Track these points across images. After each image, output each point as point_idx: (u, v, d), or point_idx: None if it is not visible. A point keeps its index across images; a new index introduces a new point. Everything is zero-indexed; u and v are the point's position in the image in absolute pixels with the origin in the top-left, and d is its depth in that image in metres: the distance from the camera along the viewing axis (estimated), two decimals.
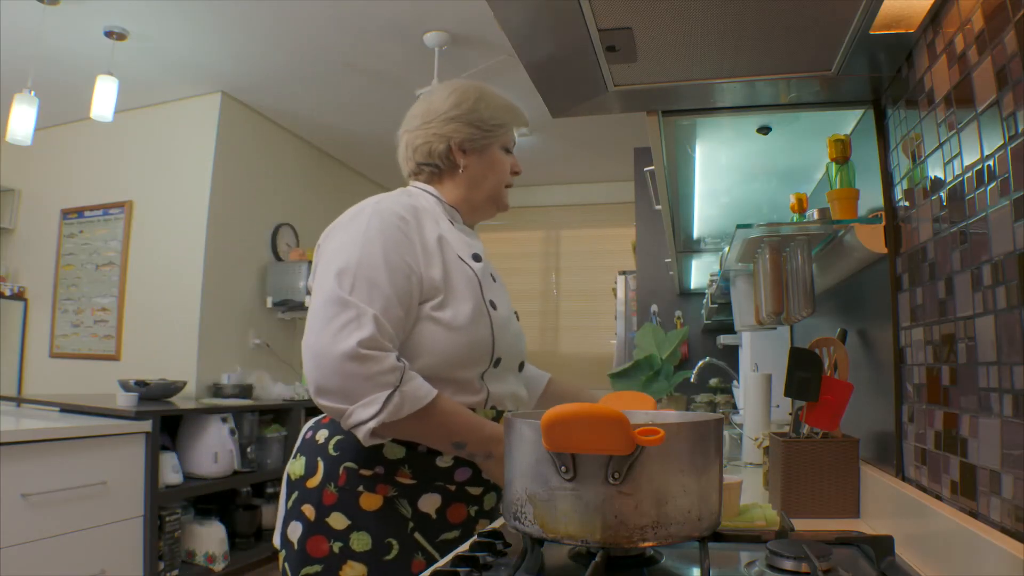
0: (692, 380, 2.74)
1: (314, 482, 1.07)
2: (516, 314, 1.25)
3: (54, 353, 4.26)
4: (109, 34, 3.25)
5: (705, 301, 2.93)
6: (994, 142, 0.75)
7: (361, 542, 1.03)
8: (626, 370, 2.94)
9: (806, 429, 1.28)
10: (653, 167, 1.66)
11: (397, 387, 0.98)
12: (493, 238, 5.84)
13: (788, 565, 0.77)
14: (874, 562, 0.84)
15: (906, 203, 1.07)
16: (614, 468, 0.70)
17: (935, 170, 0.94)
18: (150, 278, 4.01)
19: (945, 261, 0.90)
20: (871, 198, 1.24)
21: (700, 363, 2.68)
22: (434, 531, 1.08)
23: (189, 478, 3.09)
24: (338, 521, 1.04)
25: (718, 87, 1.24)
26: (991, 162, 0.76)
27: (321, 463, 1.08)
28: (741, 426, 2.02)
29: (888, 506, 1.06)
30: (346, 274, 1.02)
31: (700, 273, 3.10)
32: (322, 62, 3.63)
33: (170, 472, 2.91)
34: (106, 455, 2.54)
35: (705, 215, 2.12)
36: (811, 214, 1.33)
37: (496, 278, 1.21)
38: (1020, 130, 0.70)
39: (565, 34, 1.04)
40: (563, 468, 0.72)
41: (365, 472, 1.06)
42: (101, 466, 2.51)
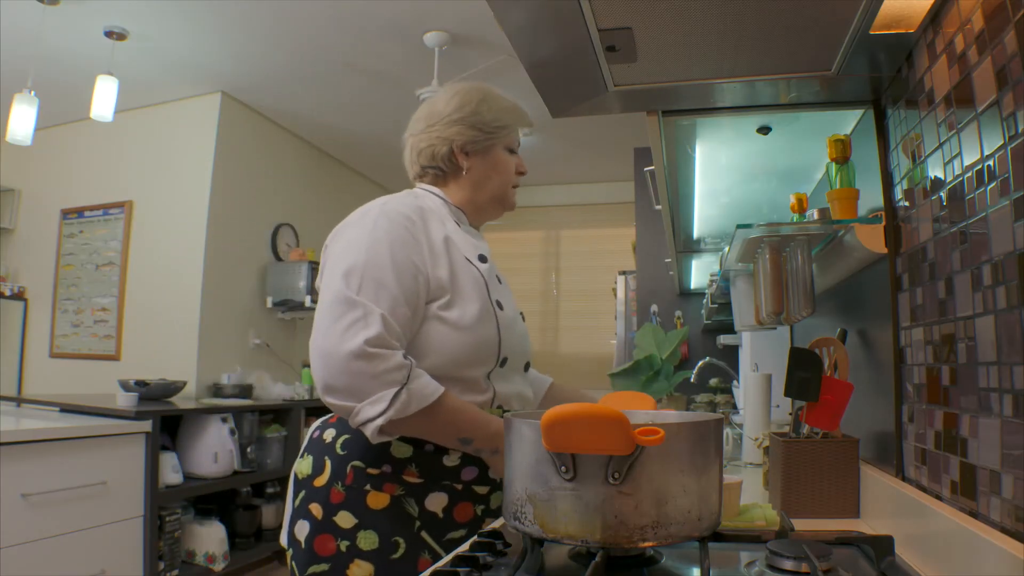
0: (692, 380, 2.74)
1: (321, 481, 1.07)
2: (522, 315, 1.26)
3: (54, 353, 4.26)
4: (109, 34, 3.25)
5: (705, 301, 2.93)
6: (994, 142, 0.75)
7: (368, 541, 1.04)
8: (626, 370, 2.94)
9: (806, 429, 1.28)
10: (653, 167, 1.66)
11: (404, 385, 0.98)
12: (493, 238, 5.82)
13: (788, 565, 0.77)
14: (874, 562, 0.84)
15: (906, 203, 1.07)
16: (614, 468, 0.70)
17: (935, 170, 0.94)
18: (150, 278, 4.01)
19: (945, 261, 0.90)
20: (871, 198, 1.24)
21: (700, 363, 2.68)
22: (441, 530, 1.08)
23: (189, 478, 3.08)
24: (345, 520, 1.05)
25: (718, 87, 1.24)
26: (991, 162, 0.76)
27: (328, 462, 1.08)
28: (741, 426, 2.02)
29: (888, 506, 1.06)
30: (353, 274, 1.02)
31: (700, 273, 3.10)
32: (322, 62, 3.63)
33: (170, 472, 2.91)
34: (106, 455, 2.54)
35: (705, 215, 2.12)
36: (811, 214, 1.33)
37: (501, 279, 1.21)
38: (1020, 130, 0.70)
39: (565, 34, 1.04)
40: (563, 468, 0.72)
41: (372, 471, 1.06)
42: (101, 466, 2.51)
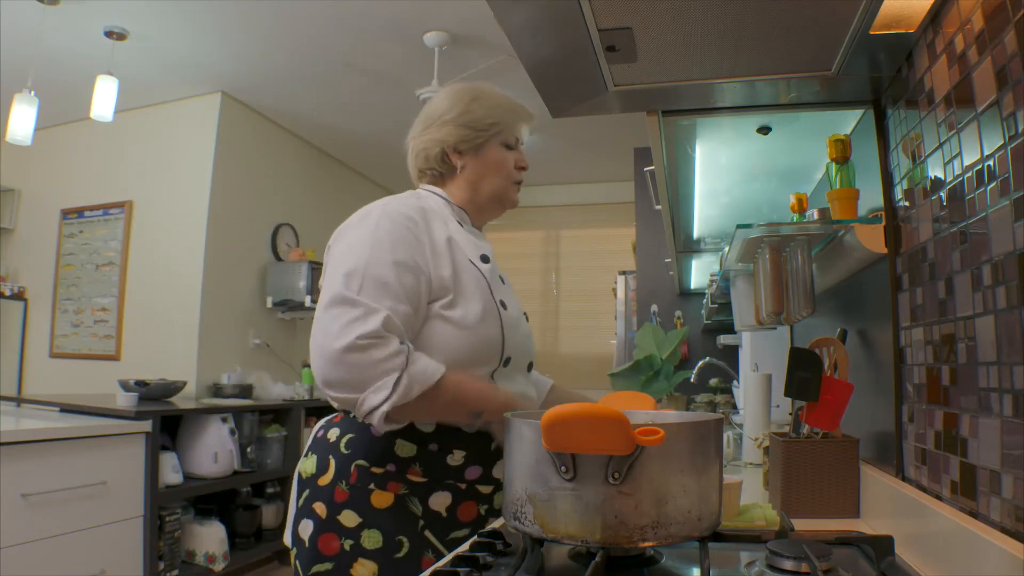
0: (692, 380, 2.74)
1: (325, 480, 1.07)
2: (525, 315, 1.26)
3: (54, 353, 4.26)
4: (109, 34, 3.25)
5: (705, 301, 2.93)
6: (994, 142, 0.75)
7: (372, 540, 1.04)
8: (626, 370, 2.94)
9: (806, 429, 1.28)
10: (653, 167, 1.66)
11: (404, 369, 0.98)
12: (493, 238, 5.75)
13: (788, 565, 0.77)
14: (874, 562, 0.84)
15: (906, 203, 1.07)
16: (614, 468, 0.70)
17: (935, 170, 0.94)
18: (150, 278, 4.01)
19: (945, 261, 0.90)
20: (871, 198, 1.24)
21: (700, 363, 2.68)
22: (445, 529, 1.08)
23: (189, 478, 3.08)
24: (349, 519, 1.05)
25: (718, 87, 1.24)
26: (991, 162, 0.76)
27: (332, 461, 1.08)
28: (741, 426, 2.02)
29: (888, 506, 1.06)
30: (354, 276, 1.02)
31: (700, 273, 3.10)
32: (322, 62, 3.63)
33: (170, 472, 2.91)
34: (106, 455, 2.54)
35: (705, 215, 2.12)
36: (811, 214, 1.33)
37: (505, 280, 1.22)
38: (1020, 130, 0.70)
39: (565, 34, 1.04)
40: (563, 468, 0.72)
41: (376, 470, 1.06)
42: (101, 466, 2.51)
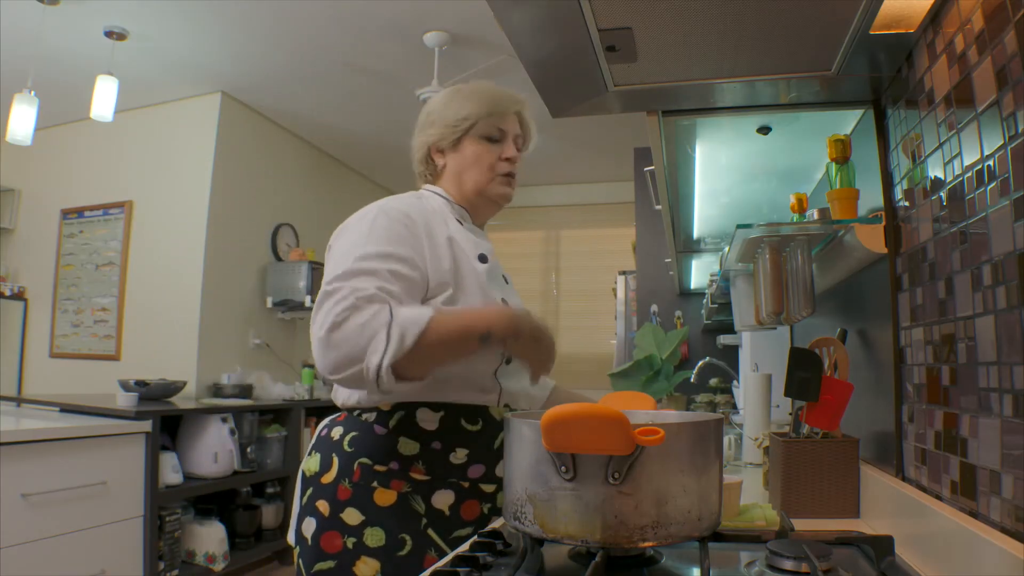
0: (692, 380, 2.74)
1: (329, 478, 1.08)
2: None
3: (54, 353, 4.26)
4: (109, 34, 3.25)
5: (705, 301, 2.93)
6: (994, 142, 0.75)
7: (375, 538, 1.04)
8: (626, 370, 2.94)
9: (806, 429, 1.28)
10: (653, 167, 1.66)
11: (390, 323, 0.94)
12: (493, 238, 5.80)
13: (788, 565, 0.77)
14: (874, 562, 0.84)
15: (906, 203, 1.07)
16: (614, 468, 0.70)
17: (935, 170, 0.94)
18: (150, 278, 4.01)
19: (945, 261, 0.90)
20: (871, 198, 1.24)
21: (700, 363, 2.68)
22: (448, 528, 1.08)
23: (189, 478, 3.08)
24: (352, 517, 1.05)
25: (718, 87, 1.24)
26: (991, 162, 0.76)
27: (336, 459, 1.09)
28: (741, 426, 2.02)
29: (888, 506, 1.06)
30: (344, 268, 1.01)
31: (700, 273, 3.10)
32: (322, 62, 3.63)
33: (170, 472, 2.91)
34: (106, 455, 2.54)
35: (705, 215, 2.12)
36: (811, 214, 1.33)
37: (508, 279, 1.23)
38: (1020, 130, 0.70)
39: (565, 34, 1.04)
40: (563, 468, 0.72)
41: (379, 468, 1.07)
42: (101, 466, 2.51)
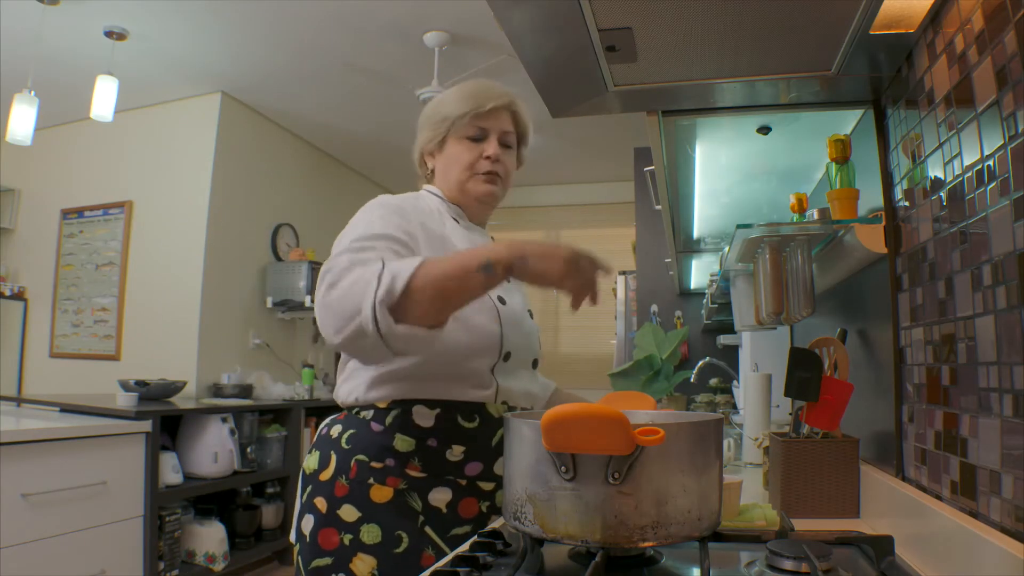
0: (692, 380, 2.74)
1: (327, 475, 1.09)
2: (530, 312, 1.27)
3: (54, 353, 4.26)
4: (109, 34, 3.25)
5: (705, 301, 2.93)
6: (994, 142, 0.75)
7: (371, 534, 1.04)
8: (626, 370, 2.94)
9: (806, 429, 1.28)
10: (653, 167, 1.66)
11: (382, 270, 0.91)
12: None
13: (788, 565, 0.77)
14: (874, 562, 0.84)
15: (906, 203, 1.07)
16: (614, 468, 0.70)
17: (935, 170, 0.94)
18: (150, 278, 4.01)
19: (945, 261, 0.90)
20: (871, 198, 1.24)
21: (700, 363, 2.68)
22: (445, 526, 1.08)
23: (189, 478, 3.08)
24: (349, 513, 1.06)
25: (718, 87, 1.24)
26: (991, 162, 0.76)
27: (334, 456, 1.10)
28: (741, 426, 2.02)
29: (888, 506, 1.06)
30: (346, 250, 0.99)
31: (700, 273, 3.10)
32: (322, 62, 3.63)
33: (170, 472, 2.91)
34: (106, 455, 2.54)
35: (705, 215, 2.12)
36: (811, 214, 1.33)
37: (510, 278, 1.21)
38: (1020, 130, 0.70)
39: (565, 34, 1.04)
40: (563, 468, 0.72)
41: (376, 464, 1.07)
42: (101, 466, 2.51)
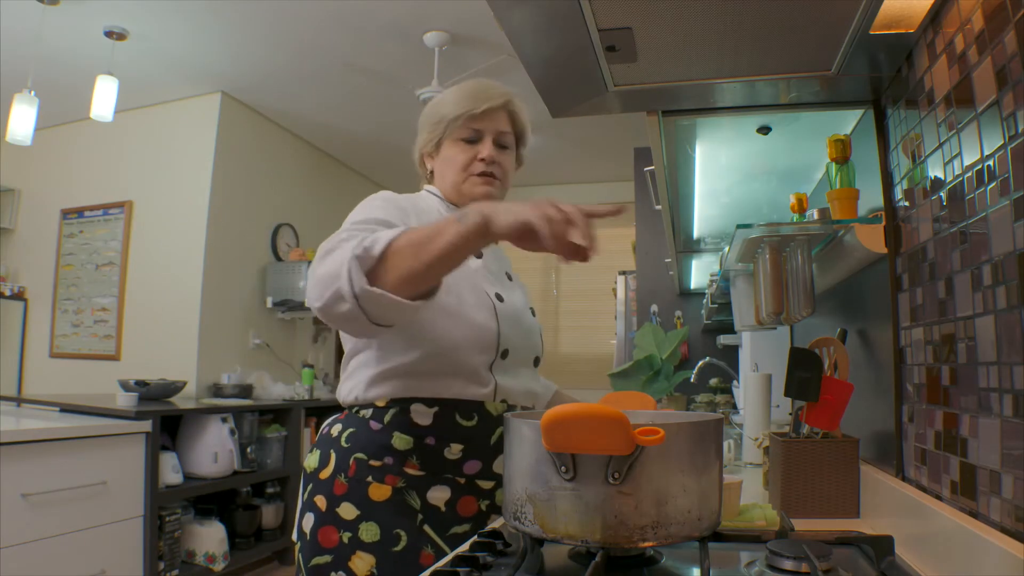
0: (692, 380, 2.74)
1: (326, 473, 1.10)
2: (532, 311, 1.27)
3: (54, 353, 4.26)
4: (109, 34, 3.25)
5: (705, 301, 2.93)
6: (994, 142, 0.75)
7: (370, 532, 1.05)
8: (626, 370, 2.94)
9: (806, 429, 1.28)
10: (653, 167, 1.66)
11: (364, 238, 0.90)
12: None
13: (788, 565, 0.77)
14: (874, 562, 0.84)
15: (906, 203, 1.07)
16: (614, 468, 0.70)
17: (935, 170, 0.94)
18: (150, 278, 4.01)
19: (945, 261, 0.90)
20: (871, 198, 1.24)
21: (700, 363, 2.68)
22: (444, 524, 1.08)
23: (189, 478, 3.08)
24: (348, 511, 1.06)
25: (718, 87, 1.24)
26: (991, 162, 0.76)
27: (333, 454, 1.10)
28: (741, 426, 2.02)
29: (888, 506, 1.06)
30: (341, 231, 1.00)
31: (700, 273, 3.10)
32: (322, 62, 3.63)
33: (170, 472, 2.91)
34: (106, 455, 2.54)
35: (705, 215, 2.12)
36: (811, 214, 1.33)
37: (512, 276, 1.25)
38: (1020, 130, 0.70)
39: (565, 34, 1.04)
40: (563, 468, 0.72)
41: (374, 463, 1.08)
42: (101, 466, 2.51)
